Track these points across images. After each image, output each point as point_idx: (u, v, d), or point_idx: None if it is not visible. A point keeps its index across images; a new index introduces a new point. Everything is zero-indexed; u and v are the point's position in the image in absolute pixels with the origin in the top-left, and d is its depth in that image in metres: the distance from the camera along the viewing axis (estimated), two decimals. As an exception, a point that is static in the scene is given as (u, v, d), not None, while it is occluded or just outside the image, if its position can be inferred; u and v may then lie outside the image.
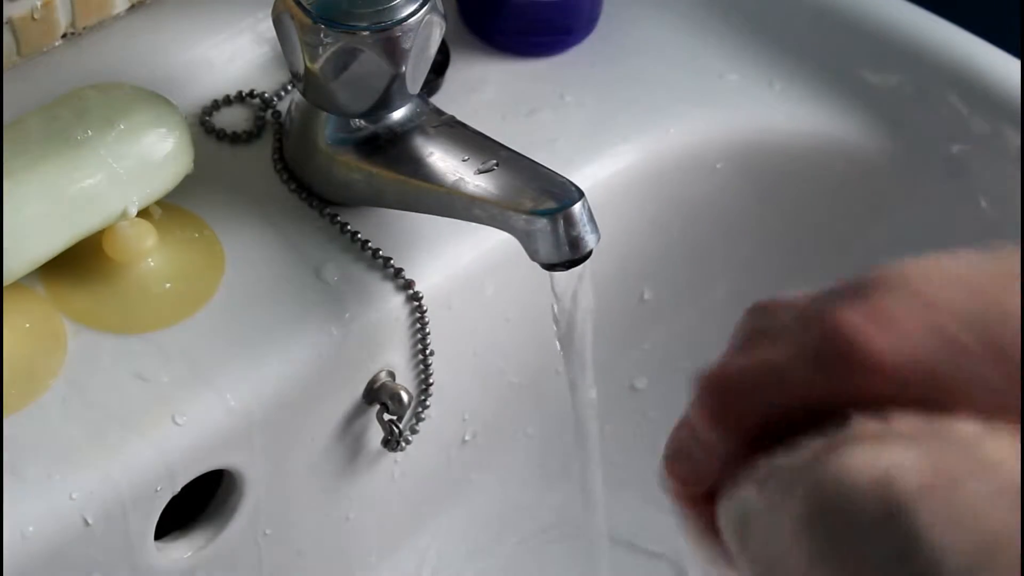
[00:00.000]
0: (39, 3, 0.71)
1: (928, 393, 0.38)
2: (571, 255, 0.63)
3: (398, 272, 0.68)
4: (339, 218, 0.69)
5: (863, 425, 0.38)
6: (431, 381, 0.71)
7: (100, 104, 0.65)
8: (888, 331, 0.37)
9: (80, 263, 0.66)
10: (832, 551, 0.37)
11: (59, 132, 0.64)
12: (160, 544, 0.66)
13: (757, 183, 0.79)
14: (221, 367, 0.64)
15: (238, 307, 0.66)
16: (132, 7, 0.75)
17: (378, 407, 0.70)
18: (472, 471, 0.79)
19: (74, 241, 0.64)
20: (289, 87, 0.74)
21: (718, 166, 0.78)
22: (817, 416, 0.39)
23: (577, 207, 0.62)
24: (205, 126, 0.72)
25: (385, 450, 0.71)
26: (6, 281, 0.62)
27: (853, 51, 0.80)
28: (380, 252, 0.68)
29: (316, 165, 0.69)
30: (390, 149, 0.67)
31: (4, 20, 0.70)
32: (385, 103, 0.66)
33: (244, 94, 0.73)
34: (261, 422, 0.65)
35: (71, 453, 0.61)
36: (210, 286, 0.67)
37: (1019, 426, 0.38)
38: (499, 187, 0.64)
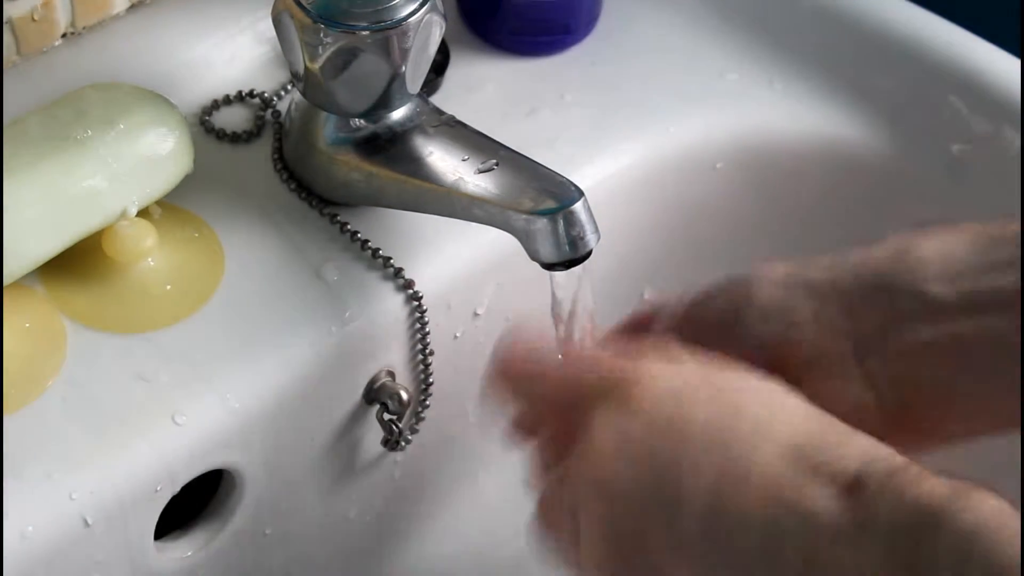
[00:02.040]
0: (39, 3, 0.71)
1: None
2: (571, 255, 0.63)
3: (398, 272, 0.68)
4: (339, 218, 0.69)
5: None
6: (431, 381, 0.71)
7: (100, 104, 0.65)
8: None
9: (80, 263, 0.66)
10: None
11: (59, 132, 0.64)
12: (160, 544, 0.66)
13: (757, 183, 0.79)
14: (221, 367, 0.64)
15: (238, 307, 0.66)
16: (132, 7, 0.75)
17: (378, 407, 0.70)
18: (473, 469, 0.79)
19: (74, 241, 0.64)
20: (289, 87, 0.74)
21: (718, 166, 0.78)
22: None
23: (577, 207, 0.62)
24: (205, 126, 0.72)
25: (385, 450, 0.71)
26: (6, 281, 0.62)
27: (853, 51, 0.80)
28: (380, 252, 0.68)
29: (316, 165, 0.69)
30: (390, 149, 0.67)
31: (4, 20, 0.70)
32: (385, 103, 0.66)
33: (244, 94, 0.73)
34: (261, 422, 0.65)
35: (71, 453, 0.61)
36: (210, 286, 0.67)
37: None
38: (499, 187, 0.64)
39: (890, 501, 0.48)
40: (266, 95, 0.73)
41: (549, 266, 0.63)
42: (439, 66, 0.76)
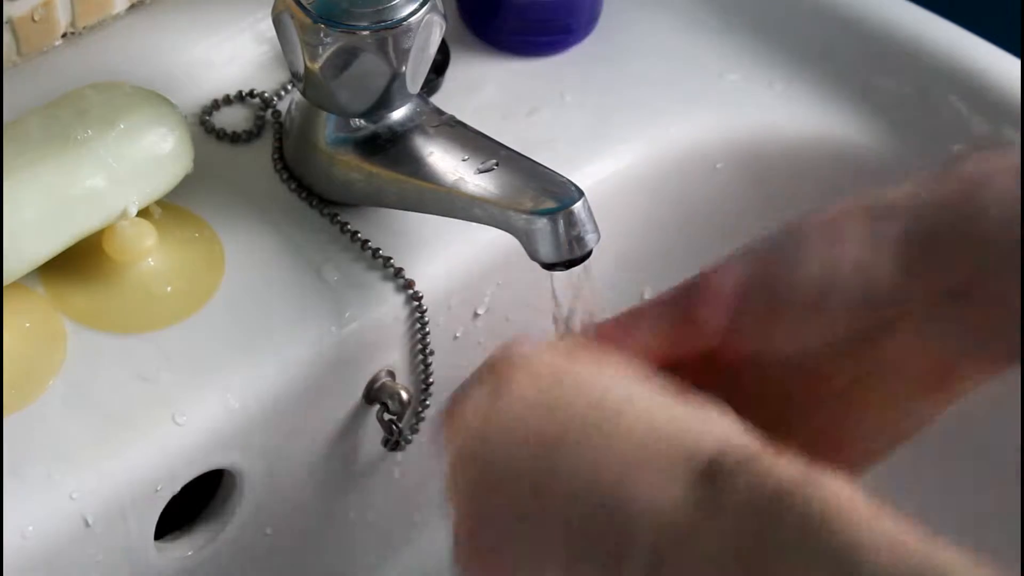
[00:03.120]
0: (39, 3, 0.71)
1: None
2: (571, 255, 0.63)
3: (398, 272, 0.68)
4: (339, 218, 0.69)
5: None
6: (431, 381, 0.71)
7: (100, 104, 0.65)
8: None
9: (80, 263, 0.66)
10: None
11: (59, 132, 0.64)
12: (160, 544, 0.66)
13: (757, 183, 0.79)
14: (221, 367, 0.64)
15: (238, 307, 0.66)
16: (132, 7, 0.75)
17: (378, 407, 0.70)
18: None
19: (74, 241, 0.64)
20: (289, 87, 0.74)
21: (718, 166, 0.78)
22: None
23: (577, 207, 0.62)
24: (205, 126, 0.72)
25: (385, 450, 0.71)
26: (6, 281, 0.62)
27: (853, 51, 0.80)
28: (380, 252, 0.68)
29: (316, 165, 0.69)
30: (390, 149, 0.67)
31: (4, 20, 0.70)
32: (385, 103, 0.66)
33: (244, 94, 0.73)
34: (261, 422, 0.65)
35: (71, 453, 0.61)
36: (210, 286, 0.67)
37: None
38: (499, 187, 0.64)
39: (741, 486, 0.48)
40: (266, 95, 0.73)
41: (549, 266, 0.63)
42: (439, 66, 0.76)
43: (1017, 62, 0.78)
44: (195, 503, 0.67)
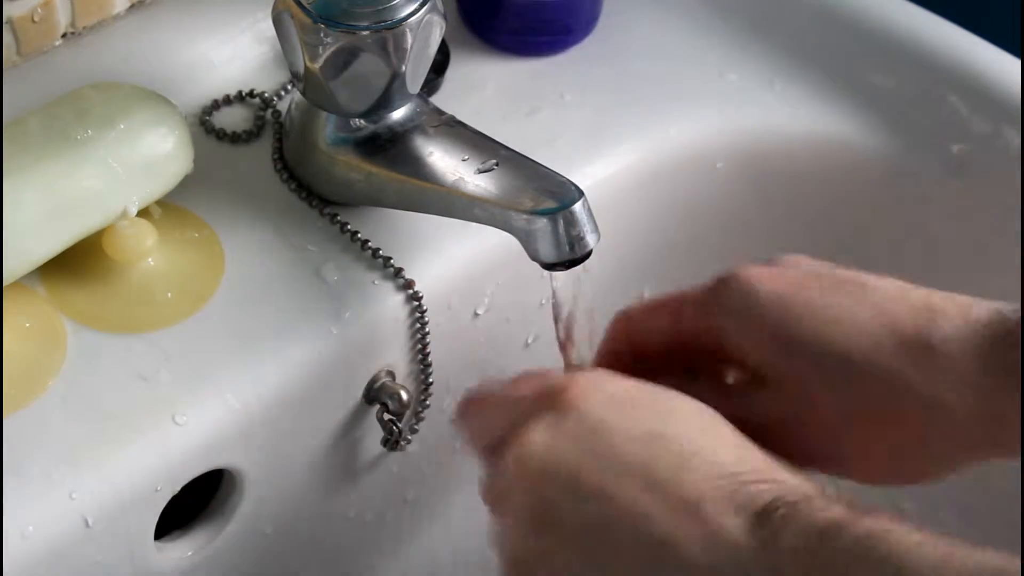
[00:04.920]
0: (39, 4, 0.71)
1: None
2: (571, 255, 0.63)
3: (398, 272, 0.68)
4: (339, 218, 0.69)
5: None
6: (431, 381, 0.71)
7: (100, 104, 0.65)
8: None
9: (80, 263, 0.66)
10: None
11: (59, 132, 0.64)
12: (160, 544, 0.66)
13: (757, 183, 0.79)
14: (221, 367, 0.64)
15: (238, 307, 0.66)
16: (132, 7, 0.75)
17: (378, 407, 0.70)
18: (472, 470, 0.79)
19: (74, 241, 0.64)
20: (289, 87, 0.74)
21: (718, 166, 0.78)
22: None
23: (577, 207, 0.62)
24: (205, 126, 0.72)
25: (385, 450, 0.71)
26: (6, 281, 0.62)
27: (853, 51, 0.80)
28: (380, 252, 0.68)
29: (316, 165, 0.69)
30: (390, 149, 0.67)
31: (4, 20, 0.70)
32: (385, 103, 0.66)
33: (244, 94, 0.73)
34: (261, 422, 0.65)
35: (71, 453, 0.61)
36: (210, 286, 0.67)
37: None
38: (499, 187, 0.64)
39: (792, 526, 0.50)
40: (266, 95, 0.73)
41: (549, 266, 0.63)
42: (439, 66, 0.76)
43: (1017, 62, 0.78)
44: (195, 503, 0.67)
